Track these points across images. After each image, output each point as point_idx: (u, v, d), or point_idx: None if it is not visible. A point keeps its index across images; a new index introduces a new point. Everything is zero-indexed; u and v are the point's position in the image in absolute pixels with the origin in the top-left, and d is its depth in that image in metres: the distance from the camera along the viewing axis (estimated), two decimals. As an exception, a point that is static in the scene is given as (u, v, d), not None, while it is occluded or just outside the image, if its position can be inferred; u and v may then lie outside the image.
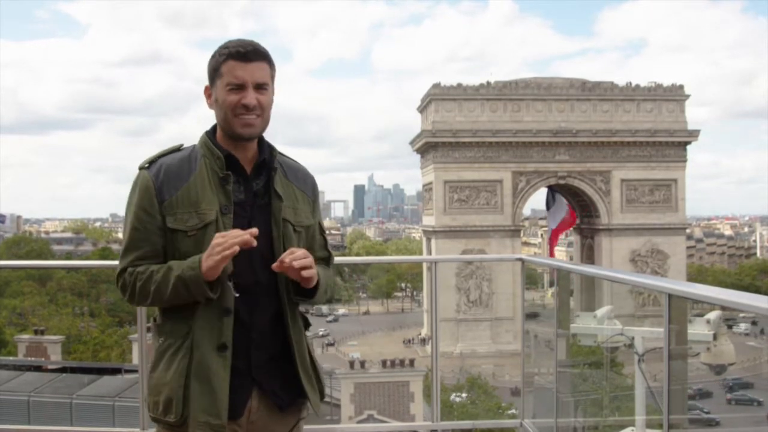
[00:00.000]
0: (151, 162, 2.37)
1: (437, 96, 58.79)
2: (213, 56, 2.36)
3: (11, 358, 28.89)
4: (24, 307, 53.10)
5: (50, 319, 49.20)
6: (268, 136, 2.51)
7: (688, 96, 60.57)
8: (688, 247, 71.94)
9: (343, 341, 68.73)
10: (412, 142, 64.93)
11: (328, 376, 27.78)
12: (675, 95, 59.91)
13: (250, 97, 2.31)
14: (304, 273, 2.25)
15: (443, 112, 58.40)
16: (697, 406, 31.50)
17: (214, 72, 2.35)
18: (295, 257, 2.24)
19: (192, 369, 2.24)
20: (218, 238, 2.20)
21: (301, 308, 2.53)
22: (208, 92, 2.40)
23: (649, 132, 58.42)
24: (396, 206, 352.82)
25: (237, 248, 2.18)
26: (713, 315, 4.17)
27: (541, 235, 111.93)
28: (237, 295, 2.28)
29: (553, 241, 46.23)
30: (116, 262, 2.36)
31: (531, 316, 6.26)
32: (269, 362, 2.36)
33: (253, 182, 2.39)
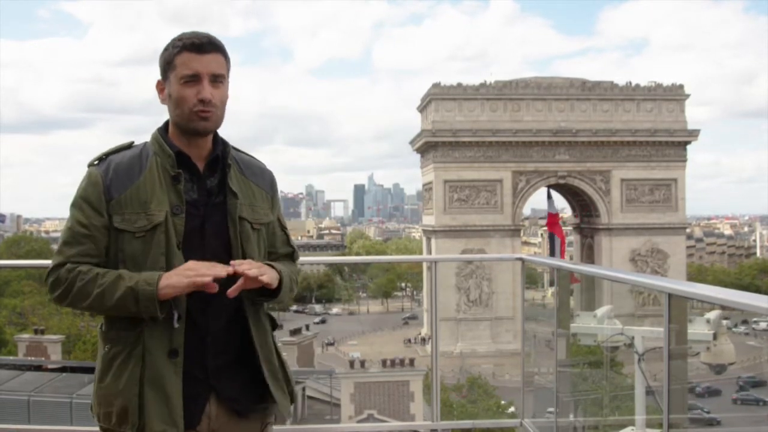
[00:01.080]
0: (101, 159, 2.27)
1: (437, 96, 58.80)
2: (166, 49, 2.26)
3: (11, 357, 28.89)
4: (24, 306, 53.09)
5: (50, 319, 49.25)
6: (269, 134, 2.42)
7: (688, 96, 60.59)
8: (688, 247, 71.96)
9: (343, 341, 68.75)
10: (412, 142, 64.95)
11: (328, 376, 27.78)
12: (675, 95, 59.93)
13: (206, 91, 2.20)
14: (263, 279, 2.16)
15: (443, 111, 58.41)
16: (697, 406, 31.50)
17: (167, 65, 2.24)
18: (246, 267, 2.16)
19: (145, 377, 2.15)
20: (192, 264, 2.12)
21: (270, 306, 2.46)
22: (161, 87, 2.29)
23: (649, 132, 58.43)
24: (396, 206, 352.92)
25: (209, 280, 2.10)
26: (713, 314, 4.17)
27: (541, 234, 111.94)
28: (176, 325, 2.19)
29: (561, 238, 45.85)
30: None
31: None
32: (228, 367, 2.27)
33: (206, 180, 2.28)
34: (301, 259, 2.65)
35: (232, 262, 2.15)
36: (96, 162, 2.27)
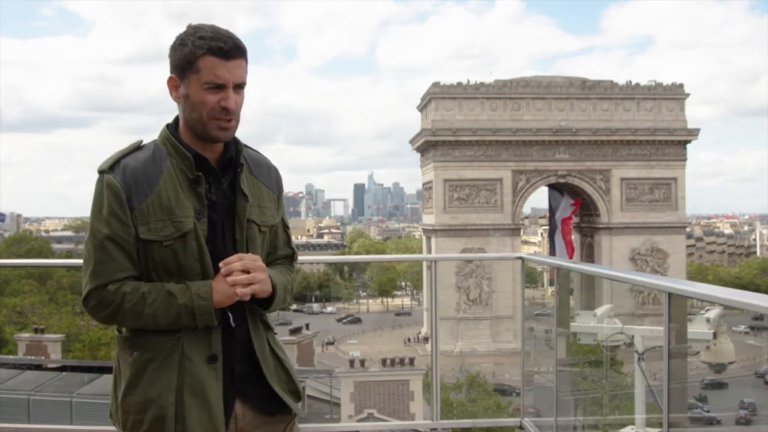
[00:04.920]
0: (113, 165, 2.15)
1: (437, 94, 58.79)
2: (183, 44, 2.11)
3: (11, 356, 28.89)
4: (24, 305, 53.10)
5: (50, 318, 49.21)
6: (271, 133, 2.36)
7: (688, 95, 60.59)
8: (688, 246, 71.97)
9: (343, 340, 68.77)
10: (412, 141, 64.94)
11: (327, 375, 27.77)
12: (675, 94, 59.92)
13: (231, 100, 2.12)
14: (257, 287, 2.16)
15: (443, 110, 58.41)
16: (697, 405, 31.51)
17: (188, 64, 2.11)
18: (236, 261, 2.13)
19: (184, 384, 2.10)
20: (238, 264, 2.12)
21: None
22: (174, 84, 2.17)
23: (649, 131, 58.43)
24: (396, 205, 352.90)
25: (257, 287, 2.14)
26: (713, 313, 4.17)
27: (541, 233, 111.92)
28: (233, 324, 2.21)
29: (566, 236, 45.82)
30: None
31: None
32: (250, 371, 2.27)
33: (221, 181, 2.23)
34: (301, 258, 2.64)
35: (222, 263, 2.13)
36: (108, 168, 2.16)
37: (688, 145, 59.92)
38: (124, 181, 2.12)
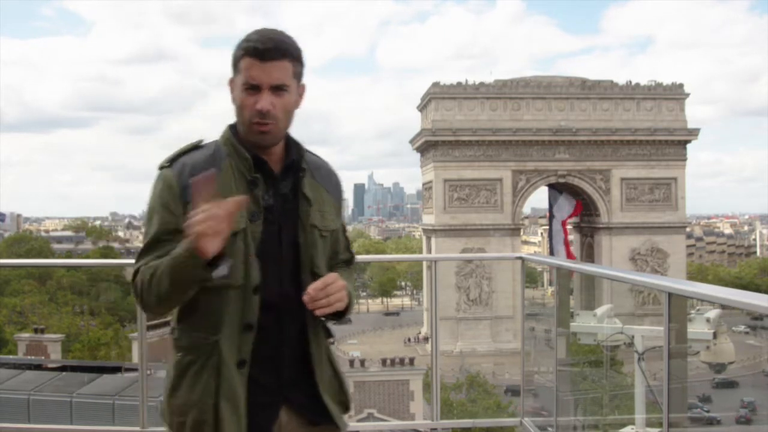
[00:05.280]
0: (173, 160, 2.16)
1: (437, 94, 58.79)
2: (236, 47, 2.14)
3: (11, 356, 28.90)
4: (24, 305, 53.08)
5: (50, 318, 49.22)
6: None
7: (687, 95, 60.61)
8: (688, 246, 71.98)
9: (342, 340, 68.75)
10: (412, 141, 64.95)
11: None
12: (675, 94, 59.94)
13: (264, 102, 2.07)
14: (338, 306, 2.11)
15: (443, 110, 58.41)
16: (697, 405, 31.52)
17: (234, 66, 2.14)
18: (323, 297, 2.06)
19: (221, 388, 2.09)
20: (198, 215, 1.93)
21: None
22: (231, 86, 2.17)
23: (649, 131, 58.44)
24: (396, 205, 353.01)
25: (223, 225, 1.92)
26: (713, 313, 4.17)
27: (541, 233, 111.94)
28: (226, 274, 2.05)
29: (565, 238, 45.94)
30: (116, 261, 2.23)
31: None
32: (300, 377, 2.22)
33: (281, 184, 2.19)
34: None
35: (307, 291, 2.06)
36: (168, 164, 2.16)
37: (688, 145, 59.95)
38: (180, 177, 2.12)
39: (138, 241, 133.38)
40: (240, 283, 2.09)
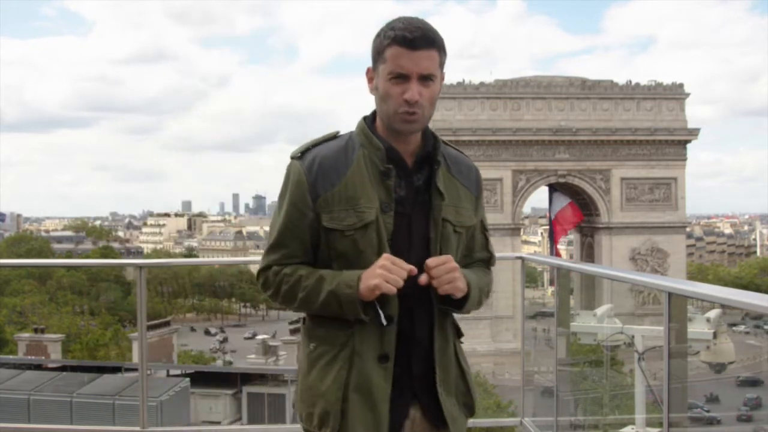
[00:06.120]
0: (304, 152, 2.15)
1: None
2: (378, 35, 2.11)
3: (11, 356, 28.91)
4: (24, 305, 53.10)
5: (50, 318, 49.20)
6: (270, 134, 2.28)
7: (688, 94, 60.59)
8: (688, 246, 71.99)
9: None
10: (412, 141, 64.96)
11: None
12: (675, 94, 59.92)
13: (413, 92, 2.05)
14: (447, 288, 2.06)
15: (443, 110, 58.38)
16: (697, 405, 31.52)
17: (378, 55, 2.10)
18: (439, 271, 2.03)
19: (351, 381, 2.07)
20: (386, 262, 2.00)
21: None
22: (370, 75, 2.15)
23: (649, 130, 58.43)
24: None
25: (402, 283, 1.99)
26: (713, 313, 4.17)
27: (541, 233, 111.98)
28: (384, 323, 2.08)
29: (556, 237, 46.01)
30: (116, 261, 2.21)
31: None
32: (428, 375, 2.17)
33: (414, 176, 2.16)
34: None
35: (427, 261, 2.04)
36: (299, 155, 2.16)
37: (689, 145, 59.94)
38: (310, 170, 2.11)
39: (138, 241, 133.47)
40: None
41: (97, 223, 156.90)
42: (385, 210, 2.09)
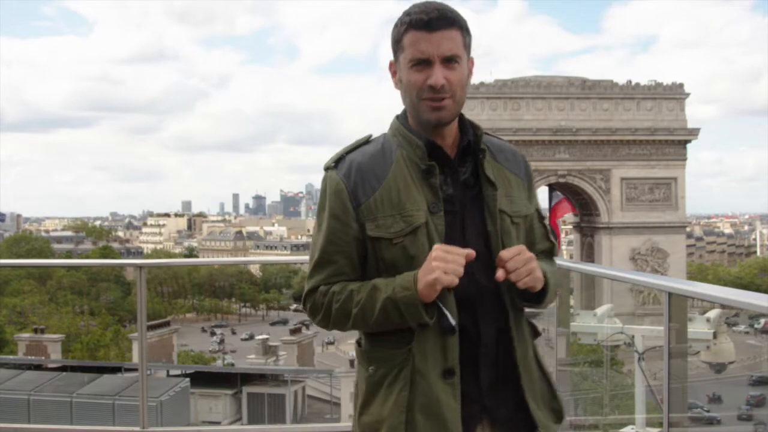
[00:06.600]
0: (338, 160, 1.99)
1: (437, 94, 58.77)
2: (395, 25, 1.96)
3: (11, 356, 28.93)
4: (24, 305, 53.12)
5: (50, 318, 49.24)
6: (271, 134, 2.18)
7: (688, 94, 60.61)
8: (688, 246, 72.01)
9: (342, 339, 68.79)
10: (412, 141, 64.98)
11: (327, 375, 27.77)
12: (675, 93, 59.93)
13: (437, 76, 1.88)
14: (527, 281, 1.86)
15: (443, 110, 58.51)
16: (697, 404, 31.53)
17: (396, 44, 1.96)
18: (516, 262, 1.84)
19: (415, 402, 1.87)
20: (439, 252, 1.81)
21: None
22: (393, 69, 2.01)
23: (649, 130, 58.45)
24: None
25: (462, 271, 1.81)
26: (713, 313, 4.17)
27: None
28: (453, 324, 1.88)
29: (556, 236, 45.94)
30: (116, 261, 2.09)
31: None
32: (498, 384, 1.96)
33: (459, 170, 1.98)
34: (301, 258, 2.57)
35: (500, 254, 1.86)
36: (333, 164, 1.99)
37: (689, 145, 59.97)
38: (348, 177, 1.95)
39: (138, 241, 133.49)
40: None
41: (97, 223, 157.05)
42: (434, 210, 1.92)
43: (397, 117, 2.06)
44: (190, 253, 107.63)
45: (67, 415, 15.90)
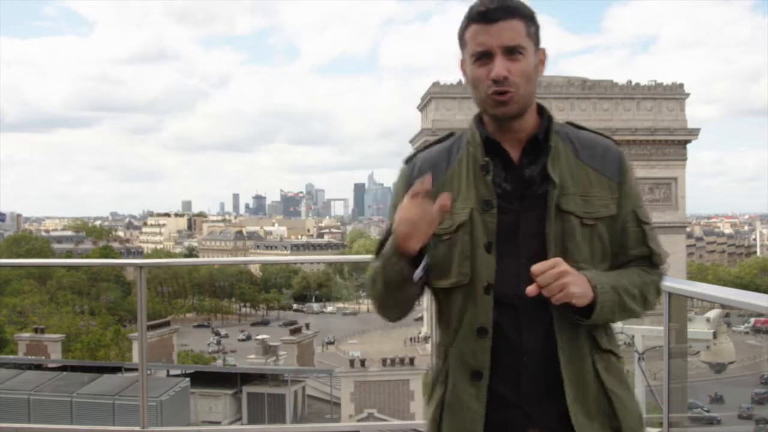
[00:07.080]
0: (412, 156, 2.03)
1: (437, 94, 58.80)
2: (462, 21, 1.94)
3: (11, 356, 28.94)
4: (24, 305, 53.14)
5: (50, 318, 49.26)
6: (271, 134, 2.14)
7: (688, 94, 60.67)
8: (688, 246, 72.04)
9: (342, 339, 68.80)
10: (412, 141, 64.98)
11: (327, 375, 27.76)
12: (675, 94, 59.99)
13: (499, 68, 1.82)
14: (560, 297, 1.74)
15: (443, 110, 58.44)
16: (697, 404, 31.52)
17: (460, 41, 1.92)
18: (547, 277, 1.72)
19: (446, 400, 1.89)
20: (403, 202, 1.82)
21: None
22: (463, 68, 1.95)
23: (649, 130, 58.50)
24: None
25: (416, 211, 1.77)
26: (713, 313, 4.17)
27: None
28: (416, 277, 1.87)
29: None
30: (116, 261, 2.09)
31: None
32: (546, 394, 1.86)
33: (525, 168, 1.90)
34: (301, 258, 2.54)
35: (532, 268, 1.74)
36: (408, 159, 2.03)
37: (689, 145, 60.01)
38: (411, 173, 1.96)
39: (138, 241, 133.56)
40: (465, 281, 1.86)
41: (97, 223, 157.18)
42: (485, 208, 1.86)
43: (476, 115, 2.01)
44: (190, 253, 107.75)
45: (67, 414, 15.91)
